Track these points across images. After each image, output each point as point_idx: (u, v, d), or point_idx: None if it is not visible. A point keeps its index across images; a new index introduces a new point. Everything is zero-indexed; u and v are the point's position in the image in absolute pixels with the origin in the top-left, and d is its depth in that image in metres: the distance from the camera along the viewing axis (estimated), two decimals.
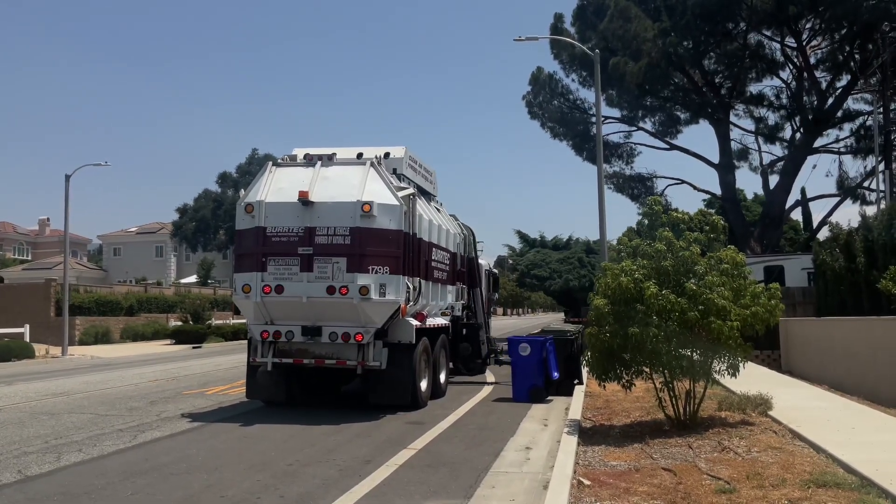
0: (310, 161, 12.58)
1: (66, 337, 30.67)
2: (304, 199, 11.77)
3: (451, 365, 15.70)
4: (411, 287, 12.41)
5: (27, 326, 31.02)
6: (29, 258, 78.83)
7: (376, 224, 11.72)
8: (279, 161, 12.92)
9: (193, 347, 33.84)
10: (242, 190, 13.08)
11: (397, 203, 11.98)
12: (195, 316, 39.59)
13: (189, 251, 72.38)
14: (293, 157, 12.89)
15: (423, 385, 12.88)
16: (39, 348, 29.17)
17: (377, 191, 11.91)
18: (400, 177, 13.22)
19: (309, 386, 13.38)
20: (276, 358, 12.09)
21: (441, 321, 14.54)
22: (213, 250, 68.21)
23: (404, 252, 12.11)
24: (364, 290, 11.53)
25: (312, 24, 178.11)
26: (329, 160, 12.50)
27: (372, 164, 12.25)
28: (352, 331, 11.76)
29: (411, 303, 12.46)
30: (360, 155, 12.94)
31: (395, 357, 12.14)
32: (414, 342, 12.34)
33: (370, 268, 11.66)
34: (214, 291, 53.03)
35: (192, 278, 65.07)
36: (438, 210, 15.62)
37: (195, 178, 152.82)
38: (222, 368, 21.64)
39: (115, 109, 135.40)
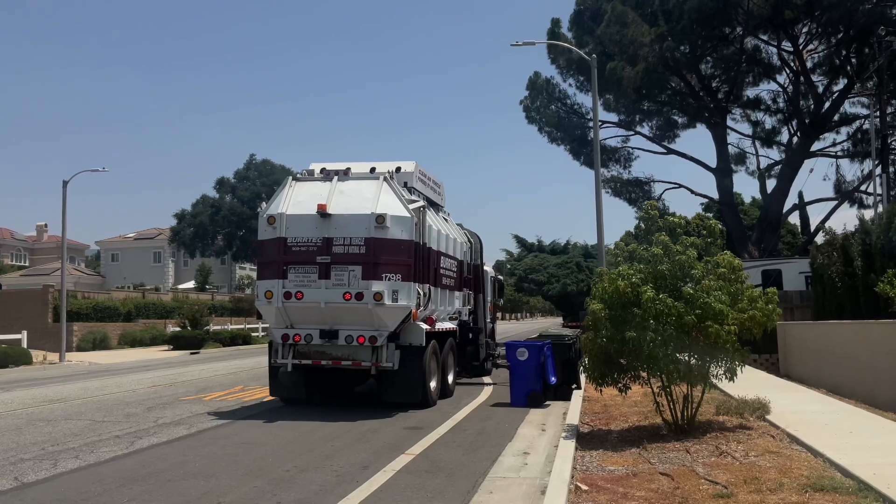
0: (327, 176, 13.43)
1: (64, 343, 30.63)
2: (322, 212, 12.56)
3: (457, 367, 16.22)
4: (421, 293, 13.12)
5: (25, 332, 30.89)
6: (27, 264, 78.83)
7: (389, 235, 12.49)
8: (298, 176, 13.83)
9: (191, 353, 33.81)
10: (264, 203, 13.85)
11: (409, 215, 12.76)
12: (193, 321, 39.55)
13: (187, 257, 72.29)
14: (311, 172, 13.87)
15: (433, 385, 13.55)
16: (37, 354, 29.10)
17: (390, 203, 12.70)
18: (411, 190, 14.10)
19: (326, 386, 14.14)
20: (295, 359, 12.85)
21: (449, 325, 15.26)
22: (210, 256, 68.05)
23: (415, 260, 12.87)
24: (378, 296, 12.27)
25: (310, 28, 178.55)
26: (345, 175, 13.36)
27: (385, 179, 13.07)
28: (366, 334, 12.56)
29: (421, 308, 13.15)
30: (373, 169, 13.80)
31: (407, 359, 12.84)
32: (424, 345, 13.03)
33: (383, 275, 12.42)
34: (212, 297, 53.07)
35: (190, 284, 65.12)
36: (446, 220, 16.41)
37: (193, 184, 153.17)
38: (220, 374, 21.59)
39: (112, 115, 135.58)
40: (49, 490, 7.67)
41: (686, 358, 9.29)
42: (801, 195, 42.97)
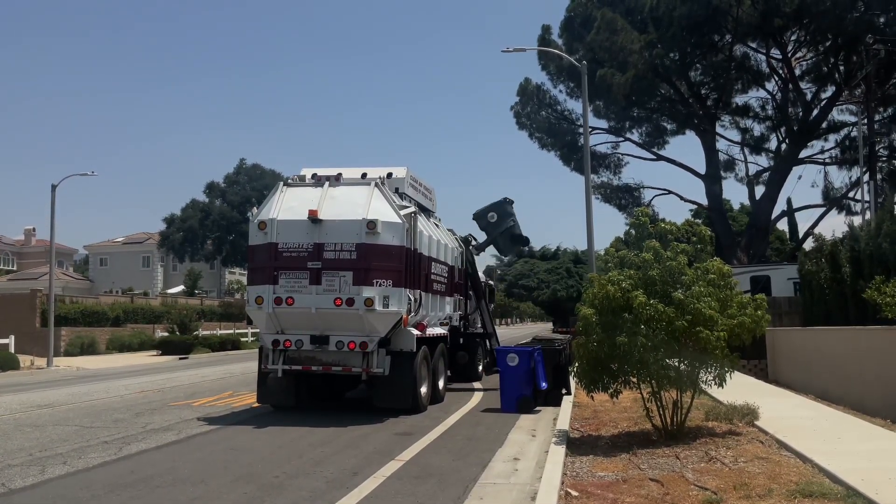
0: (318, 181, 13.41)
1: (52, 348, 30.38)
2: (313, 217, 12.53)
3: (448, 372, 16.30)
4: (412, 299, 13.17)
5: (12, 337, 30.67)
6: (14, 268, 78.16)
7: (380, 240, 12.49)
8: (289, 181, 13.76)
9: (180, 358, 33.61)
10: (255, 208, 13.79)
11: (400, 221, 12.79)
12: (182, 326, 39.34)
13: (176, 261, 71.86)
14: (302, 178, 13.79)
15: (424, 390, 13.55)
16: (24, 359, 28.91)
17: (381, 209, 12.71)
18: (402, 195, 14.19)
19: (316, 392, 14.11)
20: (286, 365, 12.87)
21: (440, 331, 15.35)
22: (200, 260, 67.80)
23: (406, 266, 12.90)
24: (369, 302, 12.27)
25: (297, 32, 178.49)
26: (336, 180, 13.32)
27: (376, 185, 13.06)
28: (357, 340, 12.55)
29: (412, 313, 13.21)
30: (364, 175, 13.74)
31: (398, 364, 12.84)
32: (415, 350, 13.08)
33: (374, 281, 12.41)
34: (201, 302, 52.78)
35: (179, 288, 64.70)
36: (437, 225, 16.48)
37: (183, 188, 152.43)
38: (209, 379, 21.50)
39: (101, 119, 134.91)
40: (37, 496, 7.62)
41: (676, 363, 9.33)
42: (789, 202, 43.25)
